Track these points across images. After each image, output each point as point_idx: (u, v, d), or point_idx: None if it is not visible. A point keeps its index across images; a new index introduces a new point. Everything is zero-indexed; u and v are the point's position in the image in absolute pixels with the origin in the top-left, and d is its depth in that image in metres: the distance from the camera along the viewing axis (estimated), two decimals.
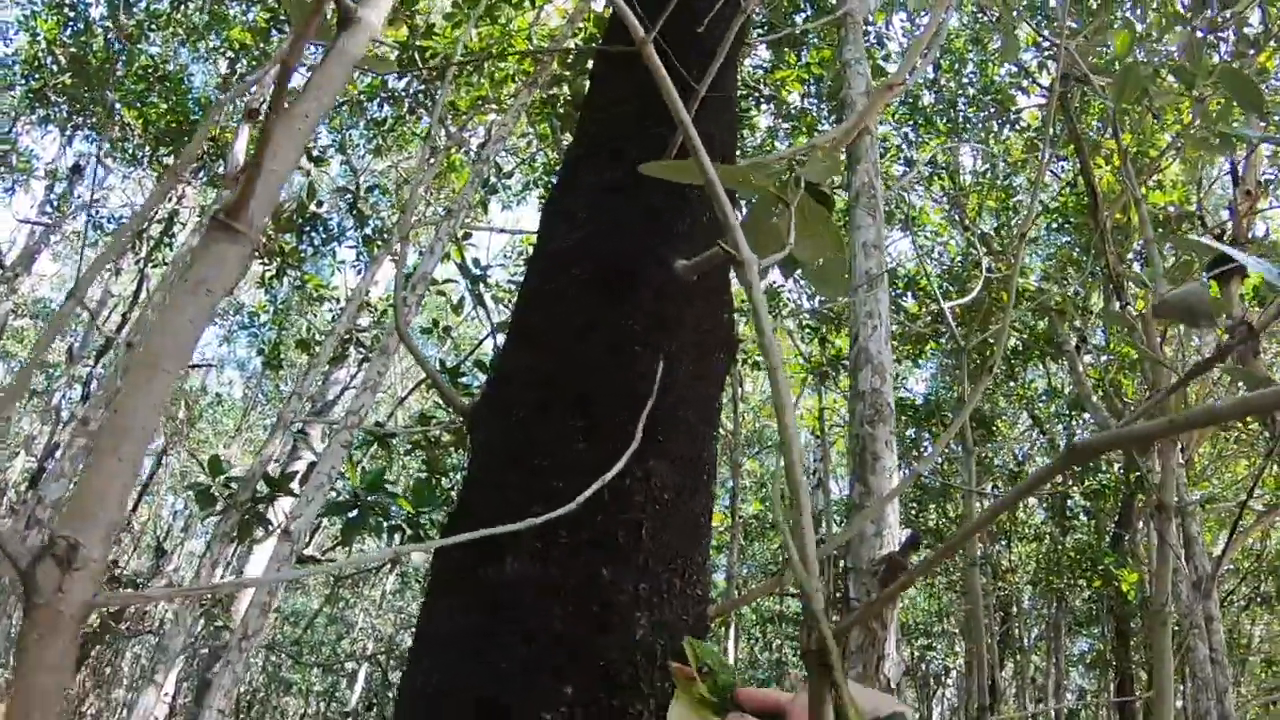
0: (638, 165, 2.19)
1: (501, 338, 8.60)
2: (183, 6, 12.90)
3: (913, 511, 12.56)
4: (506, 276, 11.79)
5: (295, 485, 7.08)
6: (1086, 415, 10.92)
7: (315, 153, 11.94)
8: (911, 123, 10.68)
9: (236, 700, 17.52)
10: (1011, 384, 11.96)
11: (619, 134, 2.61)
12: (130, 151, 13.96)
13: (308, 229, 10.98)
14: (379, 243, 10.94)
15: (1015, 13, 6.66)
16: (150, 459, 22.01)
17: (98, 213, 16.01)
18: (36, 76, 13.06)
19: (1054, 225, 10.57)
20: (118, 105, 12.90)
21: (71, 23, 12.68)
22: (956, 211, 10.61)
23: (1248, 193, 8.76)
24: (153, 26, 12.89)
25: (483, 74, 10.20)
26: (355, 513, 5.75)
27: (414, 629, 2.09)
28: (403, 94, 10.96)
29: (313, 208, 10.92)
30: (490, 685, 1.73)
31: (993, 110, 10.39)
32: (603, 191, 2.42)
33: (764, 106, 10.94)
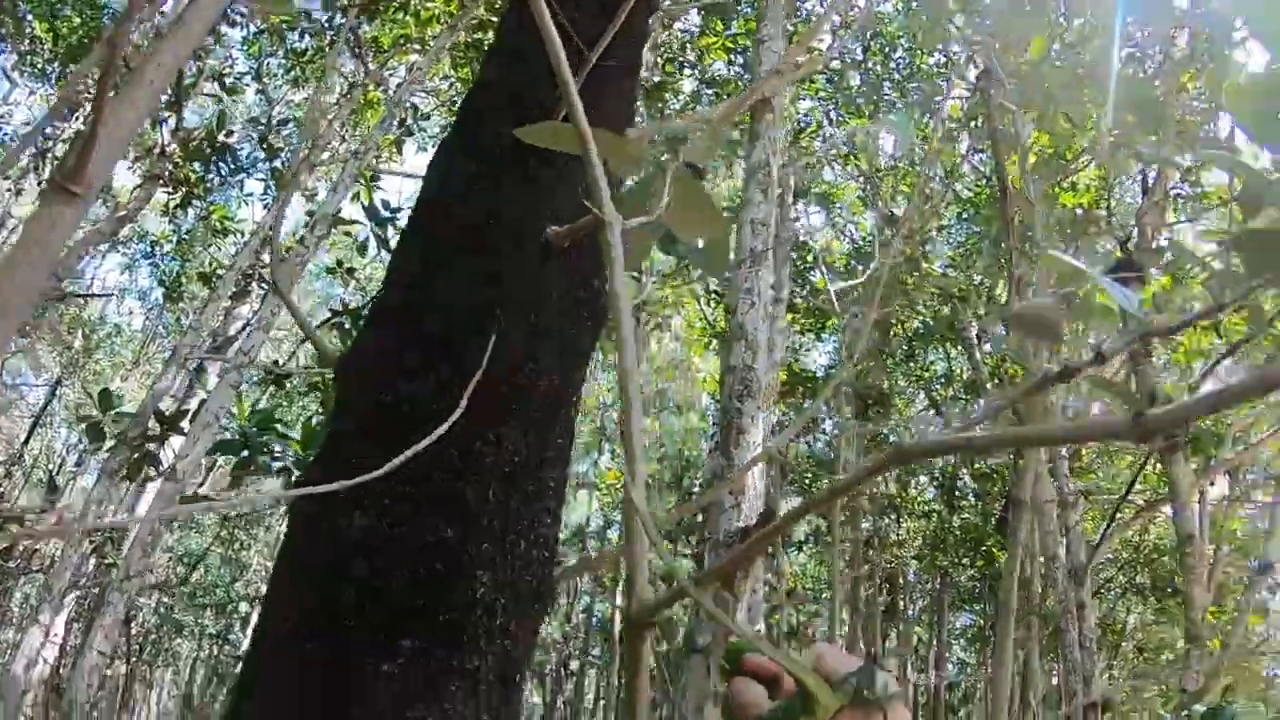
0: (523, 126, 2.19)
1: None
2: None
3: (806, 480, 12.78)
4: None
5: (186, 424, 6.96)
6: (982, 400, 11.20)
7: (229, 81, 11.61)
8: (834, 101, 10.76)
9: (128, 642, 17.12)
10: (911, 364, 12.20)
11: (516, 90, 2.59)
12: (40, 66, 13.42)
13: (216, 159, 10.69)
14: (287, 177, 10.70)
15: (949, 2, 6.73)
16: (44, 390, 21.33)
17: (2, 129, 15.41)
18: None
19: (965, 215, 10.76)
20: (29, 17, 12.39)
21: None
22: (871, 192, 10.74)
23: (1156, 203, 9.00)
24: None
25: (408, 11, 10.02)
26: (244, 452, 5.68)
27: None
28: (325, 26, 10.70)
29: (222, 137, 10.64)
30: (332, 637, 1.75)
31: (916, 98, 10.51)
32: (488, 149, 2.40)
33: (688, 72, 10.93)
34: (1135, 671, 14.87)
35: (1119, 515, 9.92)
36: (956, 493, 13.80)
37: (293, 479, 5.75)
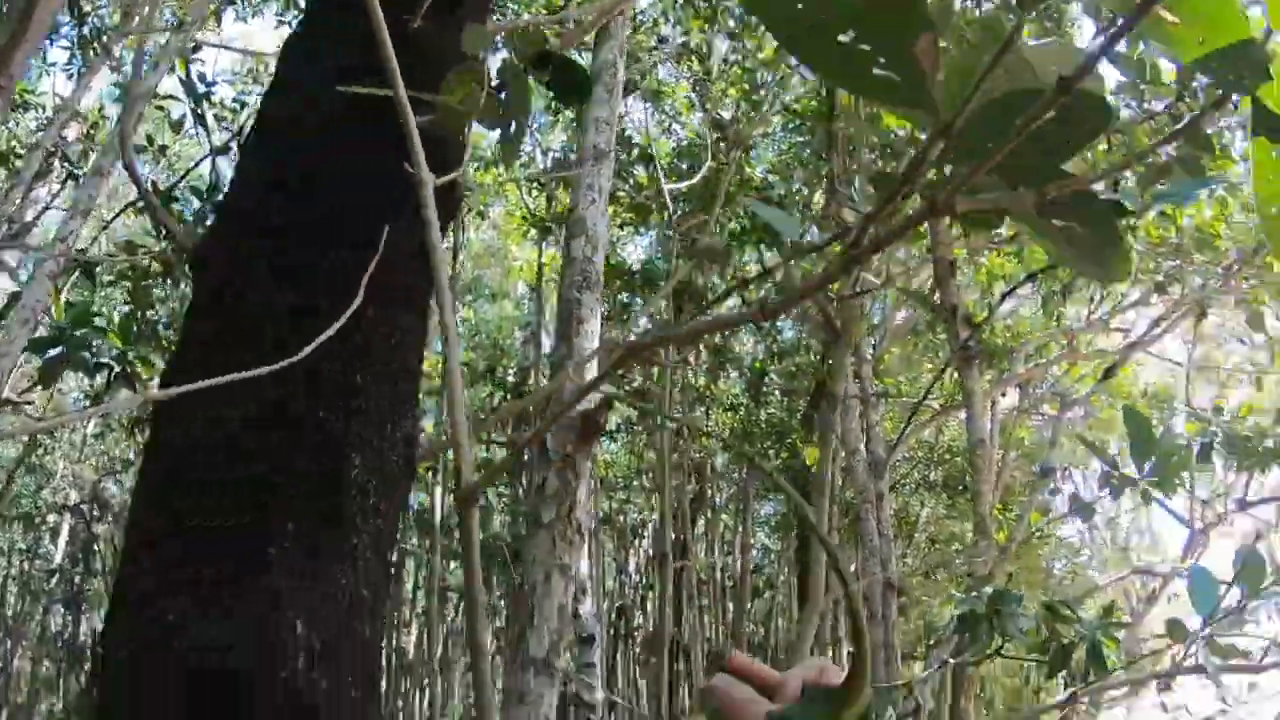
0: (387, 17, 2.25)
1: (222, 161, 8.18)
2: None
3: (620, 371, 13.04)
4: (232, 95, 11.11)
5: None
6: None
7: None
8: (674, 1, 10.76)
9: None
10: (727, 263, 12.53)
11: None
12: None
13: None
14: (97, 46, 9.99)
15: None
16: None
17: None
18: None
19: (791, 125, 11.05)
20: None
21: None
22: (701, 94, 10.89)
23: None
24: None
25: None
26: (60, 350, 5.38)
27: (128, 475, 2.14)
28: None
29: None
30: (214, 530, 1.82)
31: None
32: (346, 42, 2.40)
33: None
34: (927, 559, 15.99)
35: (916, 417, 10.63)
36: (764, 388, 14.38)
37: (112, 374, 5.52)
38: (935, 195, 0.73)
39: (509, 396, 14.65)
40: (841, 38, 0.71)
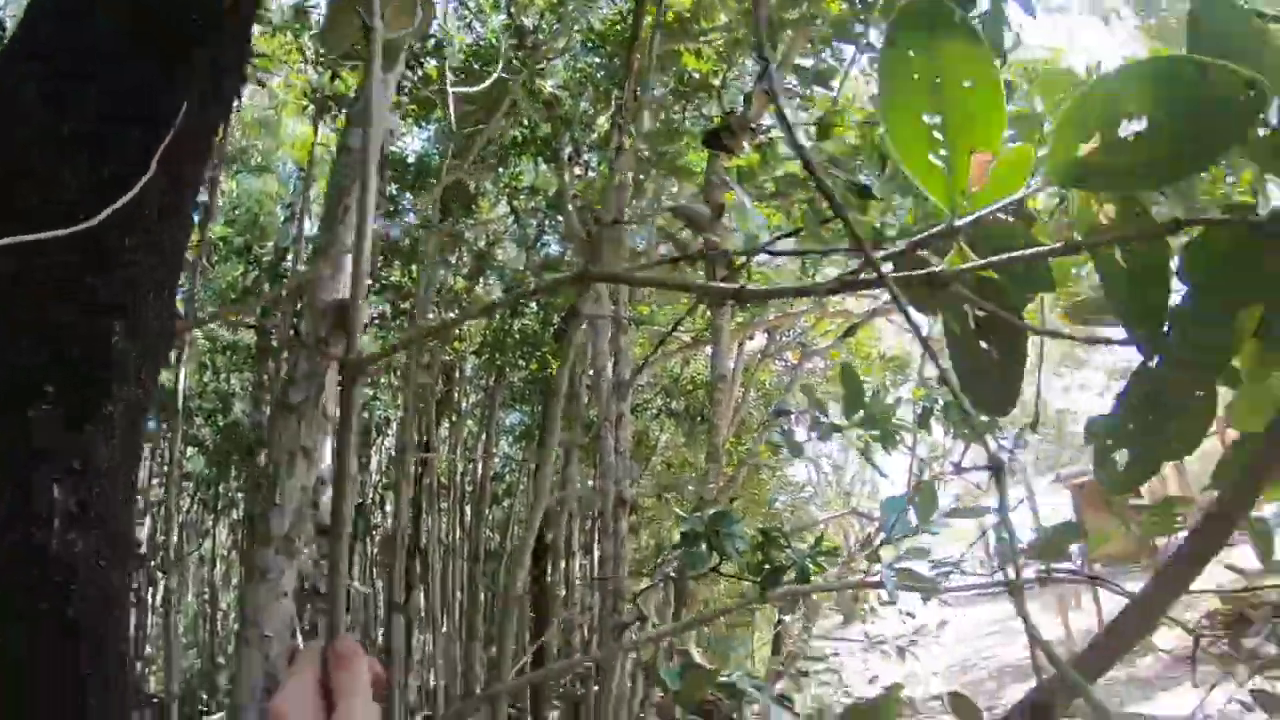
0: None
1: None
2: None
3: (378, 266, 12.76)
4: None
5: None
6: (559, 217, 11.71)
7: None
8: None
9: None
10: (501, 170, 12.45)
11: None
12: None
13: None
14: None
15: None
16: None
17: None
18: None
19: (590, 45, 10.99)
20: None
21: None
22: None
23: (765, 91, 9.74)
24: None
25: None
26: None
27: None
28: None
29: None
30: None
31: None
32: None
33: None
34: (661, 482, 16.63)
35: (664, 345, 10.98)
36: (520, 300, 14.40)
37: None
38: (943, 277, 1.00)
39: (263, 275, 14.12)
40: None
